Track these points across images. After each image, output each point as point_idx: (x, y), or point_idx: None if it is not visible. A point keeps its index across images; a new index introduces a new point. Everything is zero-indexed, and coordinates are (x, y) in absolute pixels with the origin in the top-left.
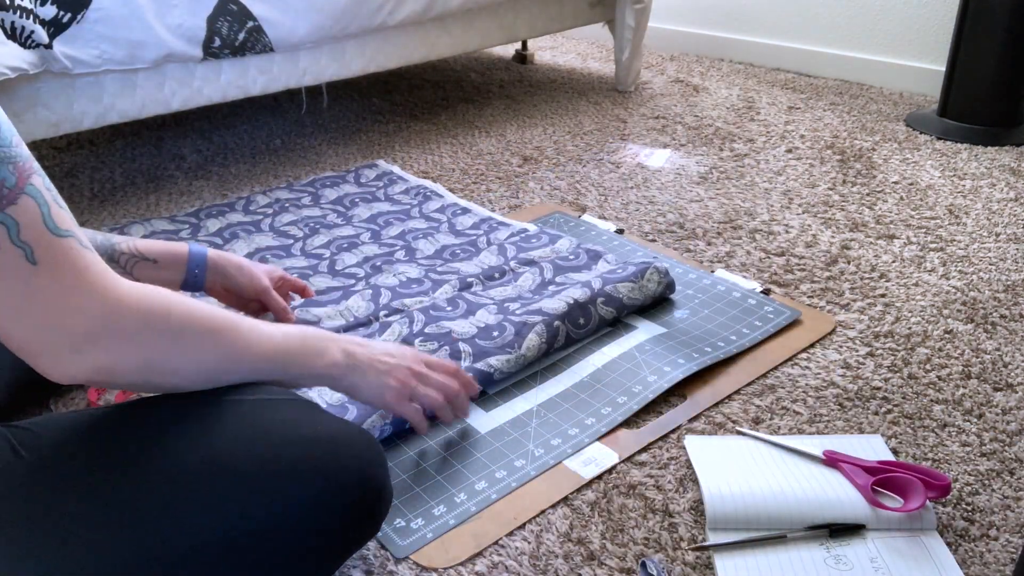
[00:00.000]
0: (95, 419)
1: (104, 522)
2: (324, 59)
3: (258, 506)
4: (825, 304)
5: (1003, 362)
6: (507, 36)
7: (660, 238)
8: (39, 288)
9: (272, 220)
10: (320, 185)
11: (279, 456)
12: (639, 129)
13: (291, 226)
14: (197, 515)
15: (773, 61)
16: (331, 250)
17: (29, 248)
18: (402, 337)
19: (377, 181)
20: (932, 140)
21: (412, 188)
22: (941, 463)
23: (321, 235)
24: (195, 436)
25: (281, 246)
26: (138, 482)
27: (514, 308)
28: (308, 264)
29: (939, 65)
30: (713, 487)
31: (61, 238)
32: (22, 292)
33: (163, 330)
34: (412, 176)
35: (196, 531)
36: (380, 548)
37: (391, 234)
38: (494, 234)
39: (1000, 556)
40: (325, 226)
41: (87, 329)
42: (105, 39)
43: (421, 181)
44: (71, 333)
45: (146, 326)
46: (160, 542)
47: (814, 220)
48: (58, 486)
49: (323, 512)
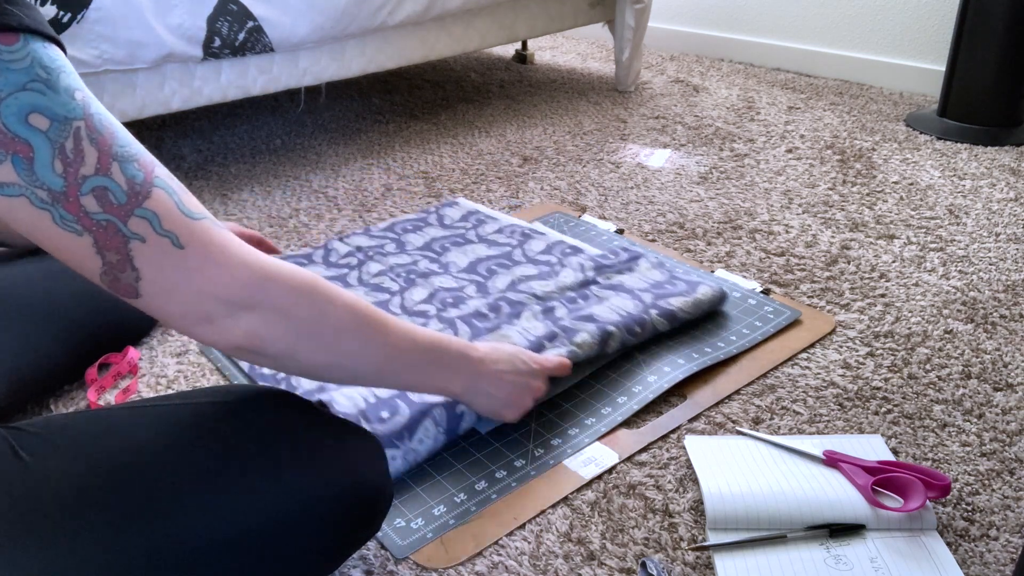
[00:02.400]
0: (96, 420)
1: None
2: (324, 59)
3: (259, 506)
4: (825, 304)
5: (1003, 362)
6: (507, 36)
7: (660, 238)
8: (191, 268)
9: (359, 272)
10: (401, 230)
11: (280, 457)
12: (639, 129)
13: (382, 277)
14: (199, 516)
15: (773, 61)
16: (435, 305)
17: (174, 235)
18: None
19: (463, 222)
20: (932, 140)
21: (506, 227)
22: (941, 463)
23: (419, 287)
24: (197, 437)
25: (377, 302)
26: (140, 483)
27: (560, 314)
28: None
29: (939, 65)
30: (713, 487)
31: (199, 220)
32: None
33: (309, 302)
34: (501, 214)
35: (197, 532)
36: (380, 548)
37: (500, 286)
38: (608, 274)
39: (1000, 556)
40: (420, 274)
41: (240, 296)
42: (105, 39)
43: (513, 220)
44: (226, 301)
45: (294, 296)
46: (162, 544)
47: (814, 220)
48: (61, 489)
49: (324, 512)
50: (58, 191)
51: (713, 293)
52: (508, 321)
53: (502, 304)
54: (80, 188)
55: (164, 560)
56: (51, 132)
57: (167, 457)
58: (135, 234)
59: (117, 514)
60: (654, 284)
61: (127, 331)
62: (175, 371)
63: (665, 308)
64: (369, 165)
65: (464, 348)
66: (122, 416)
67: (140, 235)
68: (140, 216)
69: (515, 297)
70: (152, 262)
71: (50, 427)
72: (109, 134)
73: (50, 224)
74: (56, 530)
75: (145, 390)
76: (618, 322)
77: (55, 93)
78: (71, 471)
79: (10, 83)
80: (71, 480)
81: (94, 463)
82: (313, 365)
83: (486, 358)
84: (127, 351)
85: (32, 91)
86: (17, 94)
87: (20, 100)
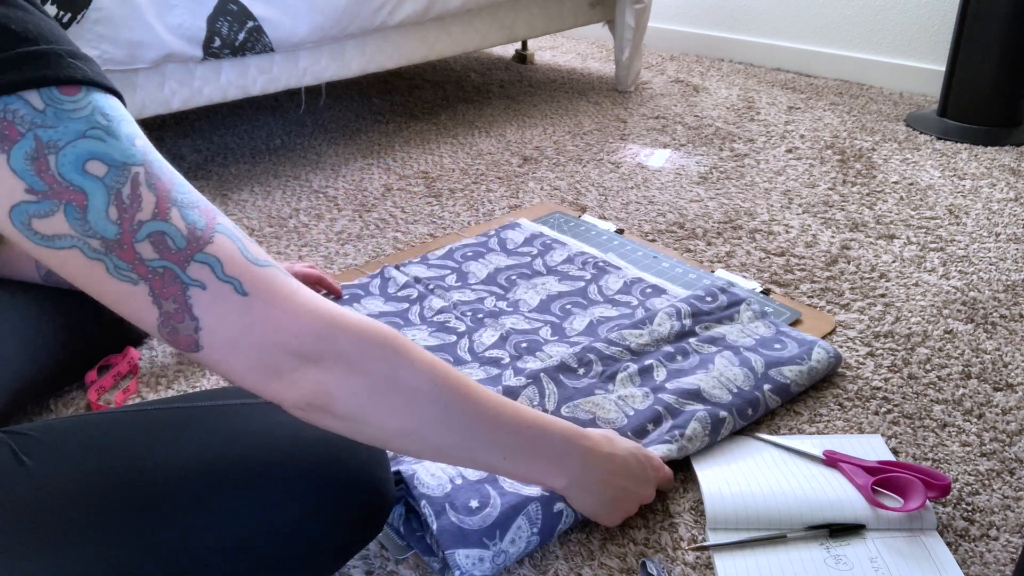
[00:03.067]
0: (98, 424)
1: (108, 528)
2: (324, 59)
3: (262, 508)
4: (825, 304)
5: (1003, 362)
6: (507, 36)
7: (660, 238)
8: (254, 317)
9: (421, 308)
10: (461, 257)
11: (283, 459)
12: (639, 129)
13: (446, 315)
14: (201, 518)
15: (773, 61)
16: (509, 350)
17: (236, 281)
18: None
19: (527, 247)
20: (932, 140)
21: (575, 256)
22: (941, 463)
23: (488, 328)
24: (200, 440)
25: (443, 344)
26: (142, 487)
27: (659, 376)
28: (488, 376)
29: (939, 65)
30: (713, 487)
31: (264, 267)
32: (239, 323)
33: (382, 356)
34: (570, 239)
35: (200, 534)
36: (381, 548)
37: (578, 327)
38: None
39: (1000, 556)
40: (488, 314)
41: (308, 348)
42: (105, 39)
43: (582, 246)
44: (294, 352)
45: (366, 349)
46: (164, 547)
47: (814, 220)
48: (63, 493)
49: (327, 514)
50: (112, 239)
51: (828, 359)
52: (602, 384)
53: (591, 357)
54: (136, 235)
55: (166, 563)
56: (108, 178)
57: (168, 460)
58: (194, 280)
59: (119, 518)
60: (760, 342)
61: (127, 331)
62: (175, 371)
63: (779, 383)
64: (369, 165)
65: (572, 436)
66: (123, 419)
67: (200, 282)
68: (200, 262)
69: (606, 350)
70: (213, 311)
71: (51, 431)
72: (168, 180)
73: (104, 275)
74: (58, 534)
75: (145, 390)
76: (730, 404)
77: (115, 139)
78: (73, 475)
79: (70, 131)
80: (73, 484)
81: (96, 467)
82: (387, 431)
83: (599, 451)
84: (127, 351)
85: (91, 138)
86: (76, 142)
87: (78, 148)
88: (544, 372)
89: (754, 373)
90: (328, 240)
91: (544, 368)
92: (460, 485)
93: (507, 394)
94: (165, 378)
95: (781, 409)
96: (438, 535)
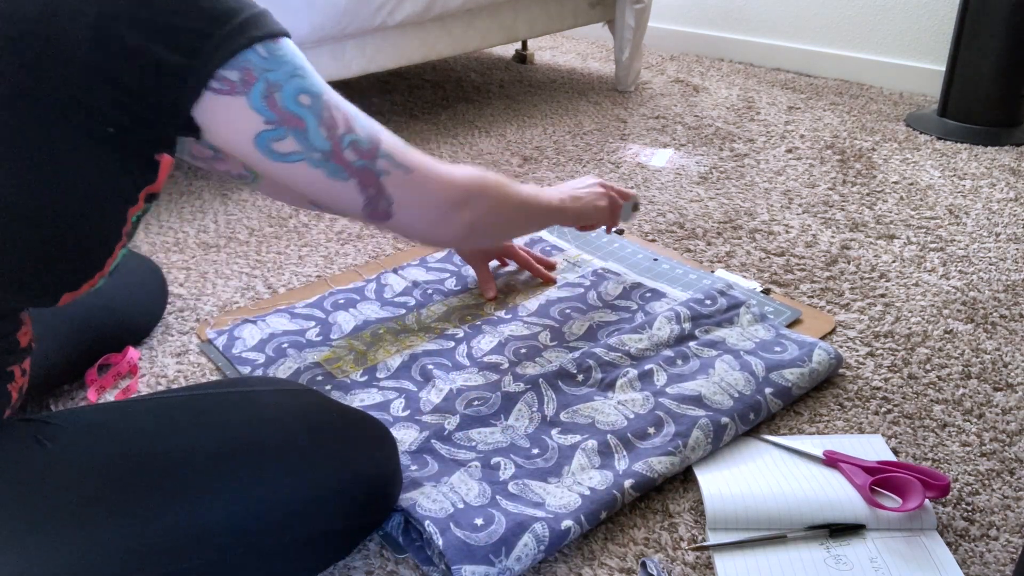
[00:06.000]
0: (116, 410)
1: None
2: (324, 59)
3: (274, 491)
4: (825, 304)
5: (1003, 362)
6: (507, 36)
7: (660, 238)
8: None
9: (418, 315)
10: (460, 261)
11: (295, 443)
12: (639, 129)
13: (444, 323)
14: (215, 498)
15: (773, 61)
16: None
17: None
18: (534, 425)
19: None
20: (932, 140)
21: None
22: (941, 463)
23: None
24: (214, 424)
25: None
26: (158, 471)
27: (659, 380)
28: (486, 381)
29: (939, 65)
30: (713, 487)
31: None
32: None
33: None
34: (565, 243)
35: (214, 514)
36: (381, 548)
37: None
38: None
39: (1000, 556)
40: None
41: (458, 197)
42: None
43: (581, 251)
44: (451, 202)
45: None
46: (178, 524)
47: (814, 220)
48: (83, 474)
49: (336, 500)
50: (328, 151)
51: (829, 360)
52: (601, 390)
53: (590, 363)
54: (342, 144)
55: (181, 545)
56: (313, 107)
57: (183, 443)
58: (382, 170)
59: (135, 495)
60: (761, 344)
61: (127, 331)
62: (175, 371)
63: (780, 386)
64: None
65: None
66: (141, 406)
67: (385, 170)
68: (383, 156)
69: (605, 356)
70: (397, 187)
71: (71, 418)
72: (340, 100)
73: (324, 177)
74: (78, 514)
75: (145, 390)
76: (731, 410)
77: (310, 75)
78: (92, 457)
79: (285, 73)
80: (93, 466)
81: (115, 450)
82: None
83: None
84: (127, 351)
85: (298, 76)
86: (290, 80)
87: (292, 85)
88: (543, 378)
89: (755, 377)
90: (328, 240)
91: (543, 373)
92: (462, 508)
93: (505, 400)
94: (165, 378)
95: (781, 409)
96: (444, 550)
